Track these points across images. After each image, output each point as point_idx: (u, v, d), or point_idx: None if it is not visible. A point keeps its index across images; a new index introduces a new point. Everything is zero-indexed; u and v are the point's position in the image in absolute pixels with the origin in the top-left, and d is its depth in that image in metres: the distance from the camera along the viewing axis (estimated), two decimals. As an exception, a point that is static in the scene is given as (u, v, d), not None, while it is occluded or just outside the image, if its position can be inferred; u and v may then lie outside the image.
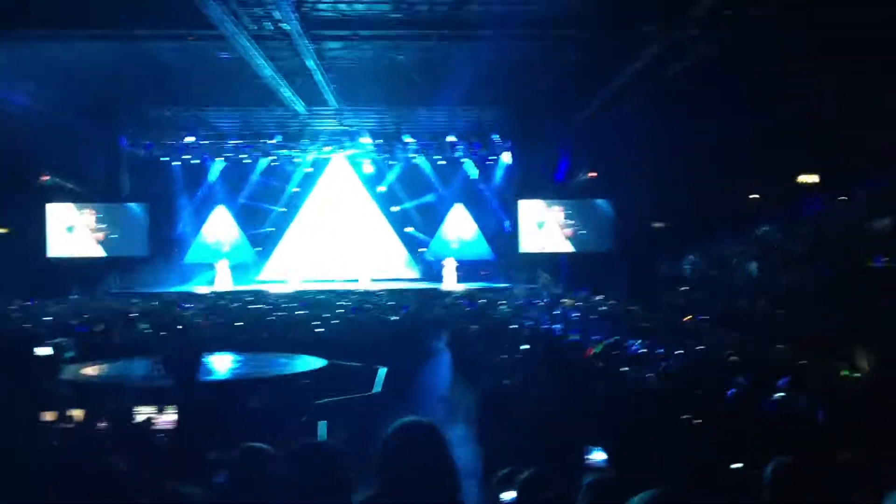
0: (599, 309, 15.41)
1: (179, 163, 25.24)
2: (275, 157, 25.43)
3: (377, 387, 9.83)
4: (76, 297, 19.89)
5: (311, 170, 26.26)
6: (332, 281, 23.49)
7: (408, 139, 24.69)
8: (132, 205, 24.57)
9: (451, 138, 24.58)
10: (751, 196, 21.32)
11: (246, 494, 3.32)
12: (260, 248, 26.28)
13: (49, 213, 24.09)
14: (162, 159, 25.05)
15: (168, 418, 8.26)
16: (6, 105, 18.62)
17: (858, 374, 6.67)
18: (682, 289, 18.55)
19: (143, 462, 4.46)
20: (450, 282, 23.09)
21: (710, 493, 3.47)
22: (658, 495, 1.95)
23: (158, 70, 17.92)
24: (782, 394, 5.80)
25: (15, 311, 16.19)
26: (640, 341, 9.63)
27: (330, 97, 19.61)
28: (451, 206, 26.30)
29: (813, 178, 20.37)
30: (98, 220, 24.34)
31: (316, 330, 12.84)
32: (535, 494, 3.53)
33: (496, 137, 24.51)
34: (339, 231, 26.23)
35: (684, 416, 5.35)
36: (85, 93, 19.57)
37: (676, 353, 8.64)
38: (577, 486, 3.12)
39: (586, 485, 3.00)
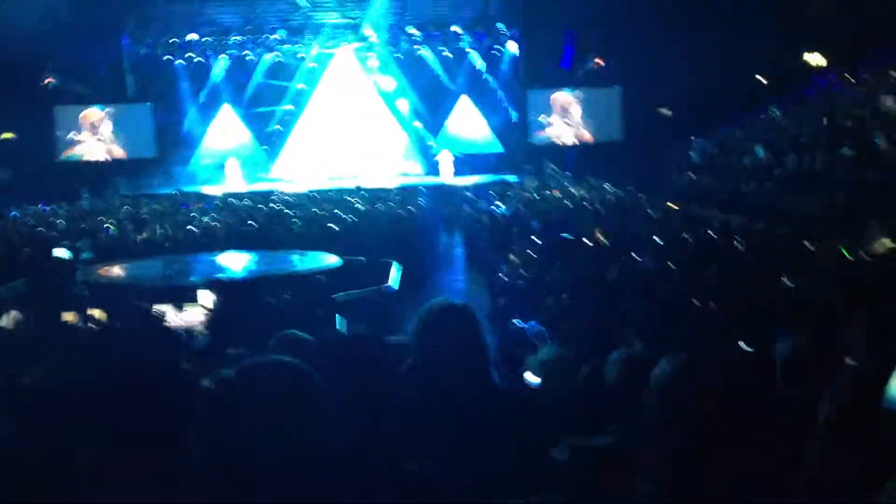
0: (608, 198, 15.48)
1: (183, 61, 24.71)
2: (279, 54, 24.94)
3: (393, 282, 9.98)
4: (87, 199, 19.90)
5: (315, 65, 25.74)
6: (342, 178, 23.38)
7: (412, 30, 24.19)
8: (139, 104, 24.30)
9: (456, 28, 24.07)
10: (757, 77, 21.00)
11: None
12: (268, 147, 26.05)
13: (56, 116, 23.80)
14: (165, 58, 24.47)
15: (188, 316, 8.50)
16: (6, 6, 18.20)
17: (870, 256, 6.73)
18: (690, 175, 18.55)
19: (167, 357, 4.56)
20: (447, 175, 22.89)
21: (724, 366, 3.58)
22: (681, 361, 1.98)
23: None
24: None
25: (28, 215, 16.32)
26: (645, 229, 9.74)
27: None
28: (457, 98, 25.85)
29: (820, 58, 20.02)
30: (105, 122, 24.09)
31: (328, 227, 12.90)
32: (562, 375, 3.66)
33: (501, 26, 23.97)
34: (346, 127, 25.91)
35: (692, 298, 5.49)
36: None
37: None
38: (602, 364, 3.18)
39: (613, 360, 3.06)
